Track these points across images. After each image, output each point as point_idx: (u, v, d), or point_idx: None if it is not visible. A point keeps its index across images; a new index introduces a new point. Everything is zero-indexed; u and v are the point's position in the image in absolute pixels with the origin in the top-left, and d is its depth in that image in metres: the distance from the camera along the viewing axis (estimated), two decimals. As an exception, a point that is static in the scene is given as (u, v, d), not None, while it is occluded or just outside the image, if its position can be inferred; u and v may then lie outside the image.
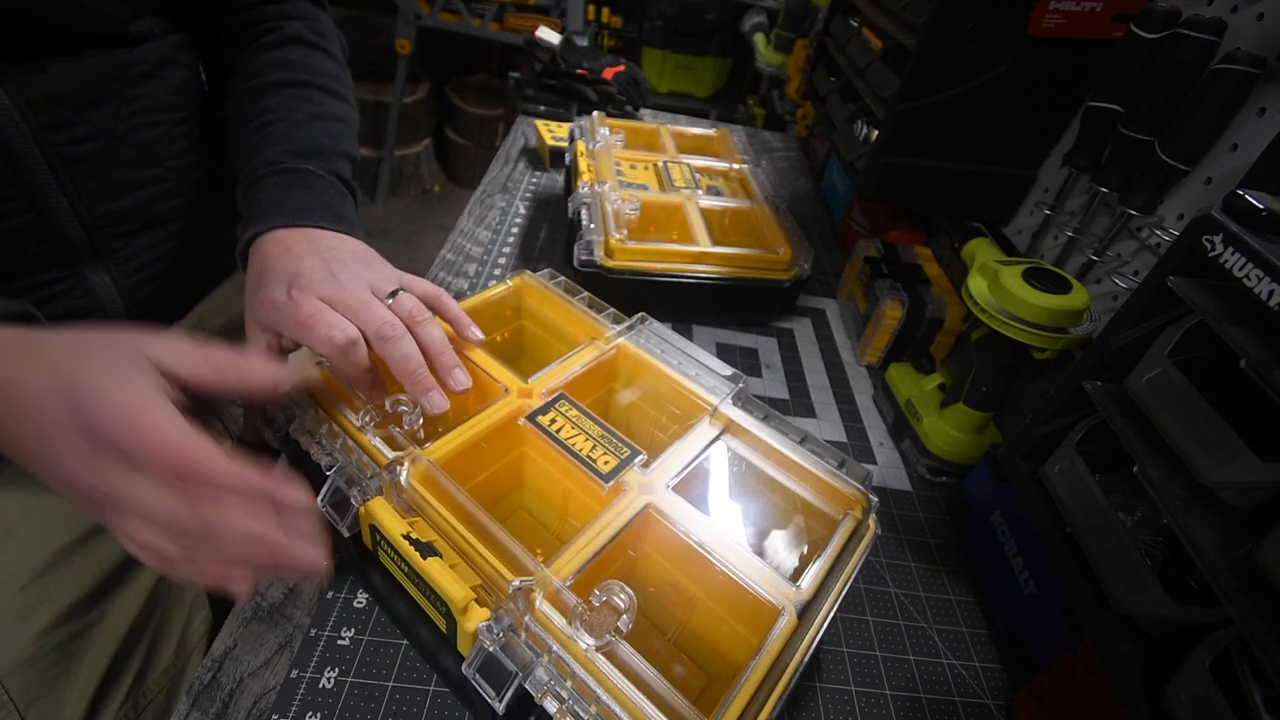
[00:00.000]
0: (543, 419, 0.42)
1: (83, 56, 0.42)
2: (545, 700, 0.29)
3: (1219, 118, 0.45)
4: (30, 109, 0.40)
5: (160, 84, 0.47)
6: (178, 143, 0.50)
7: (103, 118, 0.44)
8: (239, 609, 0.42)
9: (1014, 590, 0.48)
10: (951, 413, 0.59)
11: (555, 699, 0.29)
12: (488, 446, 0.42)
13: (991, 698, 0.45)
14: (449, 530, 0.35)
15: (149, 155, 0.48)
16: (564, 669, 0.30)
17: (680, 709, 0.29)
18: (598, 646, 0.30)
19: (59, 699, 0.40)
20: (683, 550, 0.38)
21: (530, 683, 0.29)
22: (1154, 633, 0.35)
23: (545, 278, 0.54)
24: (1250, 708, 0.27)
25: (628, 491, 0.38)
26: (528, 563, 0.33)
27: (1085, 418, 0.40)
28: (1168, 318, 0.36)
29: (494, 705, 0.29)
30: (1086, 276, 0.56)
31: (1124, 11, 0.53)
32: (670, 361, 0.48)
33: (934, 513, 0.58)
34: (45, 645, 0.40)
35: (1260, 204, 0.31)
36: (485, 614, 0.32)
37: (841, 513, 0.41)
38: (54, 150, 0.42)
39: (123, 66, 0.44)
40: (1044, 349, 0.50)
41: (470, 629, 0.31)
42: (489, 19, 2.12)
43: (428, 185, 2.65)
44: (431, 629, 0.37)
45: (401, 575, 0.35)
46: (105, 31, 0.43)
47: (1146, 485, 0.33)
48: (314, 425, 0.39)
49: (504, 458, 0.44)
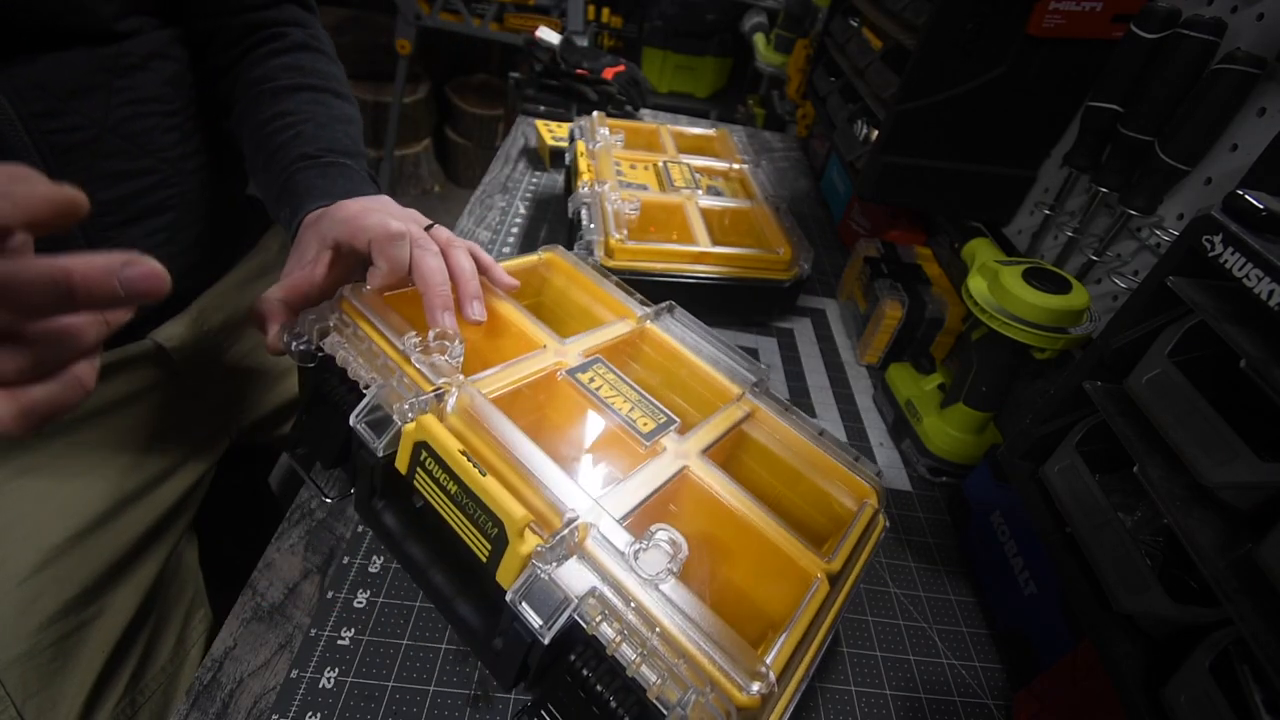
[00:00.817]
0: (582, 376, 0.43)
1: (70, 48, 0.43)
2: (601, 627, 0.29)
3: (1219, 118, 0.45)
4: (19, 97, 0.40)
5: (150, 75, 0.48)
6: (170, 134, 0.50)
7: (91, 108, 0.44)
8: (239, 609, 0.42)
9: (1014, 590, 0.48)
10: (951, 413, 0.59)
11: (611, 628, 0.29)
12: (529, 394, 0.42)
13: (991, 698, 0.45)
14: (495, 462, 0.34)
15: (139, 146, 0.48)
16: (624, 596, 0.30)
17: (732, 646, 0.29)
18: (653, 578, 0.30)
19: (56, 694, 0.40)
20: (720, 512, 0.38)
21: (583, 610, 0.29)
22: (1154, 633, 0.35)
23: (578, 256, 0.55)
24: (1250, 708, 0.27)
25: (664, 455, 0.39)
26: (581, 500, 0.33)
27: (1085, 418, 0.40)
28: (1168, 318, 0.36)
29: (540, 635, 0.28)
30: (1086, 276, 0.56)
31: (1124, 11, 0.53)
32: (697, 349, 0.49)
33: (934, 513, 0.58)
34: (43, 640, 0.40)
35: (1260, 204, 0.31)
36: (538, 540, 0.31)
37: (859, 502, 0.42)
38: (44, 139, 0.42)
39: (110, 58, 0.45)
40: (1044, 349, 0.50)
41: (524, 551, 0.30)
42: (489, 19, 2.11)
43: (428, 185, 2.65)
44: (449, 574, 0.36)
45: (443, 499, 0.34)
46: (90, 27, 0.44)
47: (1146, 485, 0.33)
48: (353, 340, 0.39)
49: (531, 415, 0.44)
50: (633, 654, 0.28)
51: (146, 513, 0.47)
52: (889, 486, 0.60)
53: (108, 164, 0.46)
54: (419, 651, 0.41)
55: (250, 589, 0.43)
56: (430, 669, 0.40)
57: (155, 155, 0.49)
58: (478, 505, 0.32)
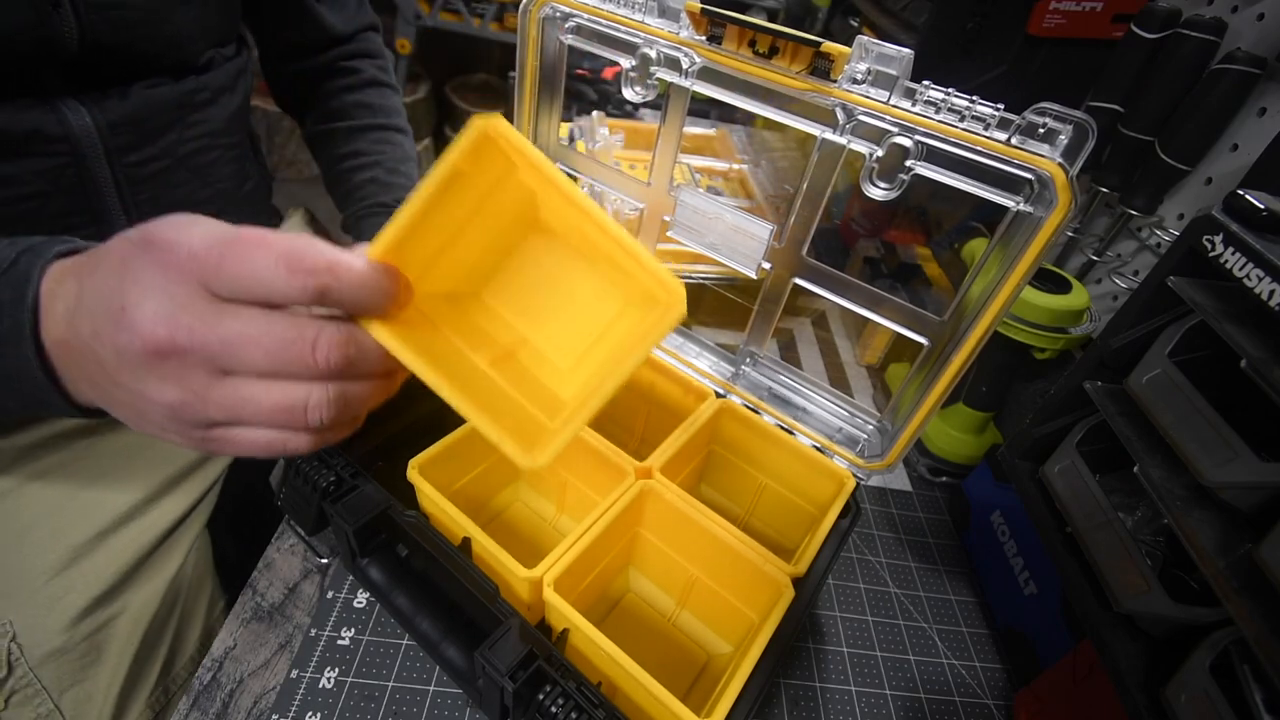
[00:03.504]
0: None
1: (157, 84, 0.45)
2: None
3: (1219, 118, 0.45)
4: (110, 132, 0.43)
5: (219, 109, 0.51)
6: (228, 166, 0.54)
7: (170, 141, 0.47)
8: (239, 609, 0.42)
9: (1014, 590, 0.48)
10: (951, 413, 0.59)
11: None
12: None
13: (991, 698, 0.45)
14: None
15: (203, 177, 0.51)
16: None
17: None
18: None
19: (90, 687, 0.41)
20: (682, 528, 0.39)
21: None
22: (1154, 633, 0.35)
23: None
24: (1250, 708, 0.27)
25: (625, 478, 0.39)
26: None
27: (1085, 418, 0.40)
28: (1168, 318, 0.36)
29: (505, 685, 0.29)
30: (1086, 276, 0.56)
31: (1124, 11, 0.53)
32: (668, 347, 0.48)
33: (934, 513, 0.58)
34: (74, 636, 0.41)
35: (1260, 204, 0.31)
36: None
37: (833, 488, 0.41)
38: (122, 170, 0.44)
39: (189, 93, 0.47)
40: (1044, 349, 0.50)
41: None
42: (489, 19, 2.11)
43: (428, 185, 2.65)
44: (433, 621, 0.37)
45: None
46: (182, 61, 0.46)
47: (1147, 485, 0.33)
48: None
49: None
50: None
51: (168, 511, 0.48)
52: (889, 487, 0.60)
53: (174, 194, 0.49)
54: (419, 651, 0.41)
55: (250, 589, 0.43)
56: (430, 669, 0.40)
57: (215, 186, 0.52)
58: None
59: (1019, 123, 0.29)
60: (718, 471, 0.48)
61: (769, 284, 0.42)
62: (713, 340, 0.49)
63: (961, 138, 0.30)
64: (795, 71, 0.34)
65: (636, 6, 0.38)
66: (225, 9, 0.49)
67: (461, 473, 0.42)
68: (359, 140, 0.63)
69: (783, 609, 0.33)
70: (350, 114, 0.63)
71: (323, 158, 0.64)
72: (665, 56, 0.38)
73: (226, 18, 0.50)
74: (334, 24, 0.61)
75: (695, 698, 0.38)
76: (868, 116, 0.33)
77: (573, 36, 0.42)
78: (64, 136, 0.41)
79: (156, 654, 0.45)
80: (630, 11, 0.38)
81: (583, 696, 0.29)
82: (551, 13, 0.41)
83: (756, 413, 0.44)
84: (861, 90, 0.32)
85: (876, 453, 0.41)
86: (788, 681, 0.44)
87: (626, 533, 0.41)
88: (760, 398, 0.45)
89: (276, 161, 2.23)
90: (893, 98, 0.32)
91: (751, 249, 0.40)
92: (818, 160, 0.36)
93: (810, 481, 0.43)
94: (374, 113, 0.64)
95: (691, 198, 0.42)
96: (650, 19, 0.38)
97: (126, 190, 0.45)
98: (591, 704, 0.29)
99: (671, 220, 0.43)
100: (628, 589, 0.44)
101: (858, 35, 0.32)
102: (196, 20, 0.45)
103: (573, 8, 0.40)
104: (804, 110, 0.35)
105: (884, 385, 0.69)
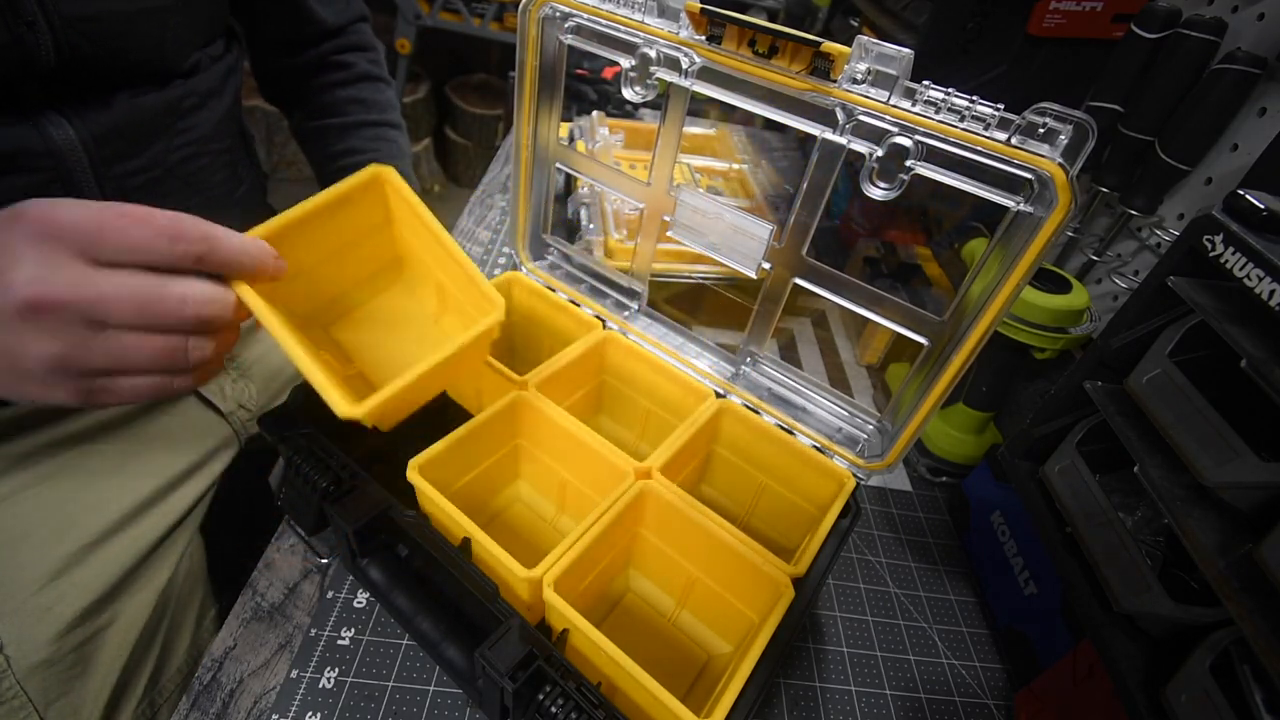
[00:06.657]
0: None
1: (142, 93, 0.44)
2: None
3: (1219, 118, 0.45)
4: (95, 144, 0.42)
5: (207, 114, 0.50)
6: (220, 171, 0.53)
7: (158, 151, 0.46)
8: (239, 609, 0.42)
9: (1014, 590, 0.48)
10: (951, 413, 0.59)
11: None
12: (486, 436, 0.42)
13: (991, 698, 0.45)
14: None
15: (193, 185, 0.50)
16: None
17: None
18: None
19: (77, 700, 0.40)
20: (682, 528, 0.38)
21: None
22: (1154, 633, 0.35)
23: (545, 268, 0.54)
24: (1250, 708, 0.27)
25: (625, 478, 0.39)
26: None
27: (1085, 418, 0.40)
28: (1168, 318, 0.36)
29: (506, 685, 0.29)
30: (1086, 276, 0.56)
31: (1124, 11, 0.53)
32: (667, 347, 0.48)
33: (934, 513, 0.58)
34: (63, 647, 0.40)
35: (1261, 204, 0.31)
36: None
37: (833, 488, 0.41)
38: (110, 182, 0.44)
39: (176, 100, 0.46)
40: (1044, 349, 0.50)
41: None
42: (489, 19, 2.11)
43: (427, 185, 2.65)
44: (433, 621, 0.37)
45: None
46: (167, 67, 0.45)
47: (1147, 485, 0.33)
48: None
49: (500, 450, 0.44)
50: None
51: (160, 519, 0.47)
52: (889, 487, 0.60)
53: (163, 203, 0.49)
54: (419, 651, 0.41)
55: (250, 589, 0.43)
56: (430, 669, 0.40)
57: (205, 193, 0.51)
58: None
59: (1019, 123, 0.29)
60: (718, 471, 0.48)
61: (769, 284, 0.42)
62: (713, 340, 0.49)
63: (961, 138, 0.30)
64: (795, 71, 0.34)
65: (636, 6, 0.38)
66: (211, 9, 0.48)
67: (461, 473, 0.42)
68: (353, 137, 0.61)
69: (783, 609, 0.33)
70: (343, 110, 0.61)
71: (315, 155, 0.63)
72: (665, 56, 0.38)
73: (212, 17, 0.49)
74: (325, 17, 0.60)
75: (695, 698, 0.38)
76: (868, 116, 0.33)
77: (572, 36, 0.42)
78: (47, 152, 0.40)
79: (144, 665, 0.45)
80: (630, 11, 0.38)
81: (582, 697, 0.29)
82: (551, 12, 0.41)
83: (756, 413, 0.44)
84: (861, 90, 0.32)
85: (876, 453, 0.41)
86: (788, 681, 0.44)
87: (626, 533, 0.41)
88: (760, 398, 0.45)
89: (276, 161, 2.23)
90: (893, 98, 0.32)
91: (751, 249, 0.40)
92: (818, 160, 0.36)
93: (810, 481, 0.43)
94: (367, 108, 0.62)
95: (691, 198, 0.42)
96: (650, 19, 0.38)
97: (115, 200, 0.44)
98: (591, 704, 0.29)
99: (671, 220, 0.43)
100: (628, 589, 0.44)
101: (858, 35, 0.32)
102: (180, 26, 0.44)
103: (572, 8, 0.40)
104: (804, 110, 0.35)
105: (884, 385, 0.69)
